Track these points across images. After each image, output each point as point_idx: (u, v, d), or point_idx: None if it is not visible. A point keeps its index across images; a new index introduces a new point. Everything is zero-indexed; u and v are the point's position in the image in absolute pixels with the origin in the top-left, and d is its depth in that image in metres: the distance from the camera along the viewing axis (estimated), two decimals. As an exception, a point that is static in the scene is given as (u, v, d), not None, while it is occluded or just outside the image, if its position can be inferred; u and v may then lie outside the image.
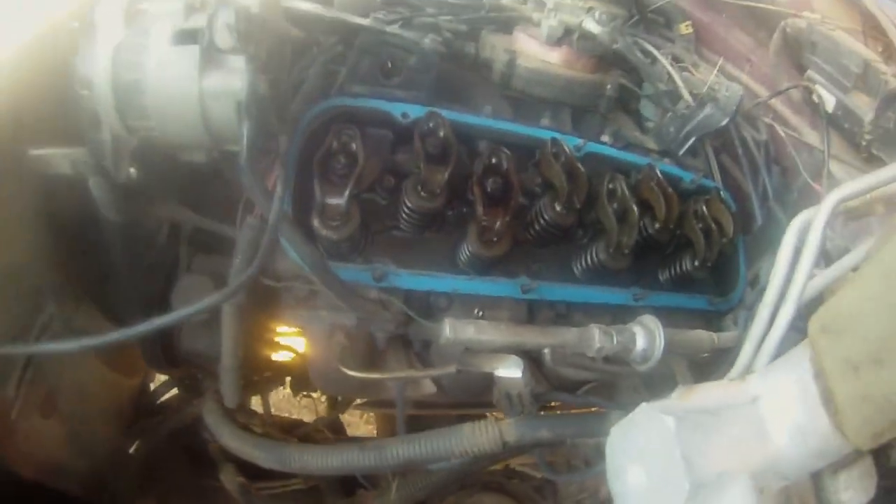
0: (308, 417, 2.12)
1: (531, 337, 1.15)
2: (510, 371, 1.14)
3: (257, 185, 1.01)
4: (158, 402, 1.85)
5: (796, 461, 0.81)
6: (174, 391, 1.84)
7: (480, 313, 1.23)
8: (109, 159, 1.08)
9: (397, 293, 1.19)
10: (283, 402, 2.61)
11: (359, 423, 2.53)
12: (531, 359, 1.25)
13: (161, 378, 1.86)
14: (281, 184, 1.02)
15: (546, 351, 1.21)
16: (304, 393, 1.77)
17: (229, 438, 1.26)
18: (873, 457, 0.93)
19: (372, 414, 2.59)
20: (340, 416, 1.94)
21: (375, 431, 2.41)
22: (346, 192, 1.10)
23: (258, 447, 1.21)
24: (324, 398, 2.01)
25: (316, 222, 1.11)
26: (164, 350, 1.42)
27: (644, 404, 0.91)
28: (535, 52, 1.45)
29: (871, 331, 0.73)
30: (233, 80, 0.99)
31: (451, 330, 1.06)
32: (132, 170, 1.11)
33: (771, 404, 0.84)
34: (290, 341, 1.57)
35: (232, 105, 1.00)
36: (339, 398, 1.81)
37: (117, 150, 1.08)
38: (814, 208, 1.07)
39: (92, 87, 1.00)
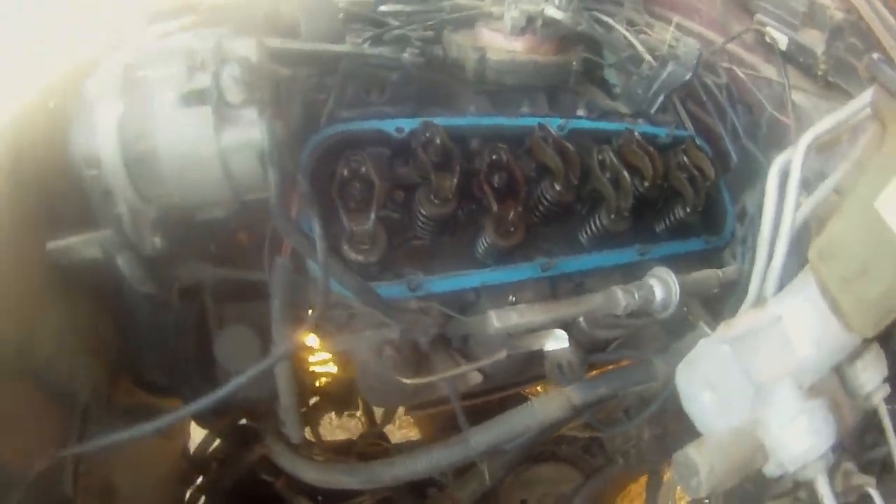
0: (342, 436, 2.16)
1: (567, 310, 1.23)
2: (558, 343, 1.23)
3: (295, 228, 1.05)
4: (206, 456, 1.87)
5: (821, 359, 1.01)
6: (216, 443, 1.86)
7: (513, 298, 1.30)
8: (131, 233, 1.07)
9: (432, 298, 1.25)
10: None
11: (392, 429, 2.60)
12: (566, 328, 1.33)
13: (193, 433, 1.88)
14: (315, 222, 1.05)
15: (580, 319, 1.29)
16: (349, 412, 1.82)
17: (312, 472, 1.30)
18: (885, 345, 1.13)
19: (402, 419, 2.66)
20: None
21: (412, 436, 2.48)
22: (372, 216, 1.15)
23: (345, 472, 1.26)
24: (360, 414, 2.05)
25: (348, 250, 1.17)
26: (213, 406, 1.45)
27: (702, 340, 1.09)
28: (501, 44, 1.51)
29: (853, 251, 0.92)
30: (251, 132, 1.00)
31: (498, 320, 1.14)
32: (156, 239, 1.09)
33: (793, 320, 1.03)
34: (326, 367, 1.62)
35: (254, 156, 1.01)
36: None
37: (137, 222, 1.07)
38: (790, 149, 1.20)
39: (100, 164, 0.98)
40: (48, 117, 1.10)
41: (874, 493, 1.10)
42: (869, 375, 1.11)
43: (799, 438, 0.99)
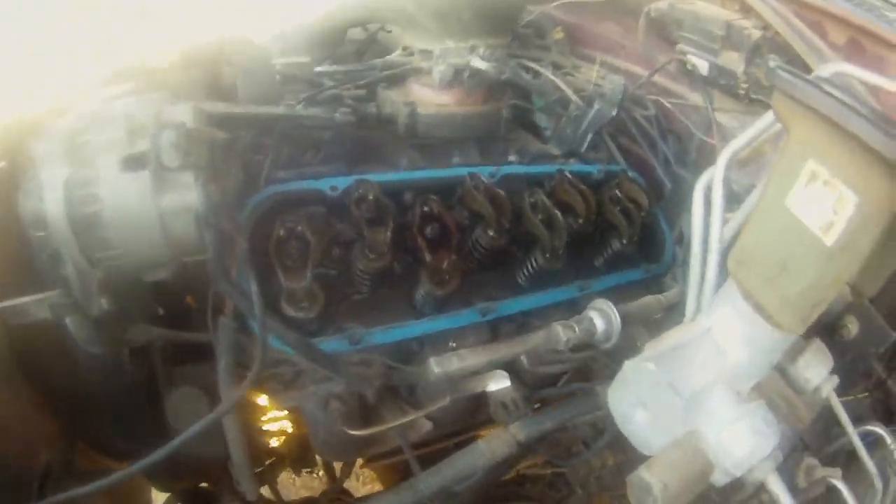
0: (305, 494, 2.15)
1: (506, 350, 1.27)
2: (499, 383, 1.26)
3: (234, 288, 1.08)
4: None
5: (753, 362, 1.04)
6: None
7: (454, 345, 1.34)
8: (80, 294, 1.08)
9: (375, 350, 1.28)
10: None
11: (357, 486, 2.59)
12: (510, 369, 1.36)
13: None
14: (252, 281, 1.08)
15: (522, 358, 1.33)
16: (307, 469, 1.82)
17: None
18: (829, 340, 1.19)
19: (366, 475, 2.65)
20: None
21: (375, 489, 2.47)
22: (308, 274, 1.19)
23: None
24: (321, 473, 2.04)
25: (287, 307, 1.19)
26: (168, 467, 1.45)
27: (627, 361, 1.11)
28: (430, 98, 1.58)
29: (771, 252, 0.95)
30: (187, 195, 1.03)
31: (438, 366, 1.17)
32: (103, 301, 1.10)
33: (720, 328, 1.07)
34: (279, 424, 1.63)
35: (191, 219, 1.04)
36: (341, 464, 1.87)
37: (84, 284, 1.08)
38: (711, 168, 1.27)
39: (48, 226, 1.00)
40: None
41: (839, 485, 1.14)
42: (814, 370, 1.14)
43: (740, 443, 1.01)
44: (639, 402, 1.11)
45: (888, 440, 1.30)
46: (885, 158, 0.76)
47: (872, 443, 1.30)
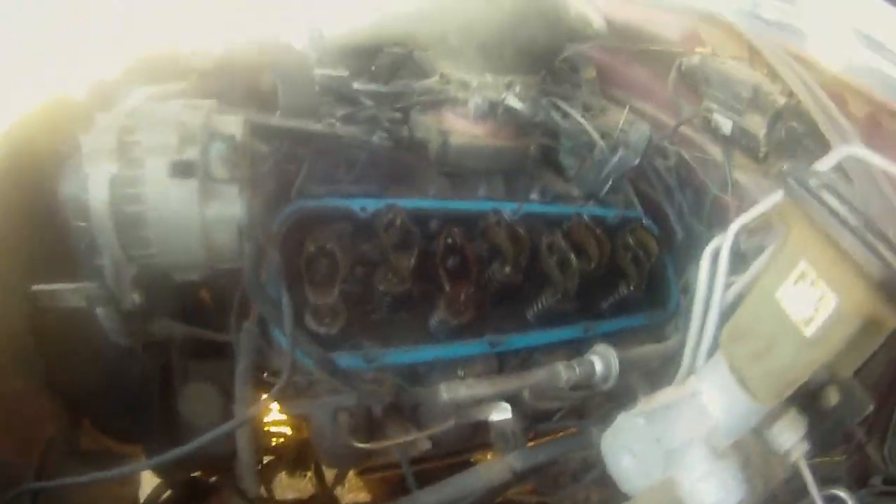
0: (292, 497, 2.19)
1: (511, 384, 1.34)
2: (502, 414, 1.33)
3: (266, 299, 1.13)
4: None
5: (732, 425, 1.16)
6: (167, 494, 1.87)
7: (462, 373, 1.40)
8: (113, 287, 1.13)
9: (387, 369, 1.34)
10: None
11: (342, 493, 2.63)
12: (511, 400, 1.42)
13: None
14: (284, 295, 1.13)
15: (525, 392, 1.39)
16: (301, 472, 1.87)
17: None
18: (808, 406, 1.27)
19: (352, 483, 2.70)
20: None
21: (361, 499, 2.53)
22: (335, 291, 1.24)
23: None
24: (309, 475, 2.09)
25: (311, 322, 1.25)
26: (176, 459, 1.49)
27: (622, 413, 1.22)
28: (464, 128, 1.63)
29: (760, 333, 1.06)
30: (232, 208, 1.08)
31: (447, 392, 1.23)
32: (135, 295, 1.15)
33: (707, 394, 1.19)
34: (282, 427, 1.68)
35: (233, 230, 1.09)
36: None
37: (119, 278, 1.13)
38: (721, 236, 1.34)
39: (90, 219, 1.04)
40: (36, 156, 1.18)
41: None
42: (786, 436, 1.23)
43: (708, 493, 1.12)
44: (627, 449, 1.22)
45: (850, 505, 1.37)
46: (864, 272, 0.87)
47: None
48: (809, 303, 0.96)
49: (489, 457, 1.80)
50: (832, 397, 1.45)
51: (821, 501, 1.32)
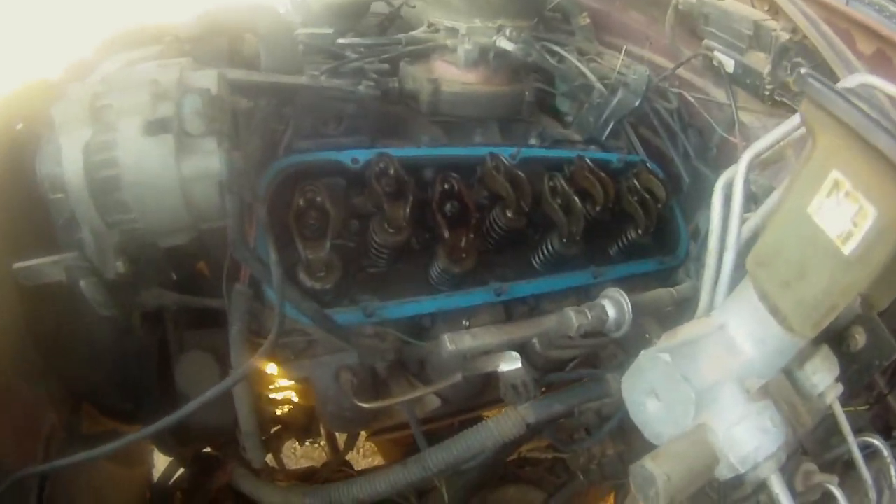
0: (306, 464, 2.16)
1: (519, 332, 1.27)
2: (511, 364, 1.26)
3: (252, 255, 1.07)
4: (170, 486, 1.86)
5: (764, 362, 1.06)
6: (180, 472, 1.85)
7: (467, 323, 1.34)
8: (95, 258, 1.09)
9: (388, 324, 1.28)
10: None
11: (357, 458, 2.61)
12: (520, 351, 1.37)
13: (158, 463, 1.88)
14: (272, 250, 1.08)
15: (534, 340, 1.33)
16: (311, 440, 1.83)
17: (272, 495, 1.31)
18: (833, 349, 1.21)
19: (367, 448, 2.67)
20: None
21: (376, 464, 2.49)
22: (327, 244, 1.19)
23: (307, 495, 1.27)
24: (323, 443, 2.06)
25: (304, 277, 1.19)
26: (175, 432, 1.45)
27: (643, 351, 1.11)
28: (455, 76, 1.57)
29: (790, 256, 0.97)
30: (210, 161, 1.03)
31: (452, 343, 1.17)
32: (119, 264, 1.11)
33: (735, 327, 1.09)
34: (286, 394, 1.64)
35: (213, 185, 1.04)
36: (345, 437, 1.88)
37: (101, 247, 1.09)
38: (733, 167, 1.27)
39: (66, 189, 1.00)
40: (15, 139, 1.14)
41: (836, 491, 1.15)
42: (820, 376, 1.18)
43: (747, 439, 1.02)
44: (652, 392, 1.12)
45: (885, 452, 1.31)
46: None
47: (870, 454, 1.32)
48: (846, 216, 0.87)
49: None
50: (859, 339, 1.39)
51: (856, 448, 1.27)
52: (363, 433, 1.85)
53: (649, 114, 1.81)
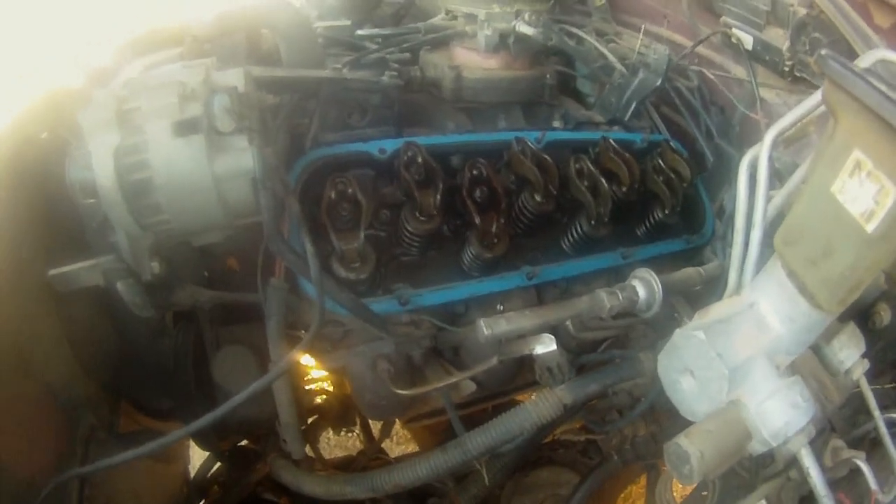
0: (341, 455, 2.18)
1: (554, 314, 1.27)
2: (546, 347, 1.27)
3: (288, 248, 1.08)
4: (207, 479, 1.88)
5: (792, 339, 1.08)
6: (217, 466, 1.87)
7: (501, 307, 1.34)
8: (130, 260, 1.10)
9: (422, 311, 1.29)
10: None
11: (391, 445, 2.63)
12: (553, 333, 1.37)
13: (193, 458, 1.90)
14: (307, 242, 1.09)
15: (567, 323, 1.34)
16: (348, 429, 1.84)
17: (314, 485, 1.32)
18: (862, 326, 1.23)
19: (400, 436, 2.69)
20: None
21: (410, 451, 2.50)
22: (361, 235, 1.19)
23: (348, 483, 1.29)
24: (357, 432, 2.07)
25: (338, 268, 1.20)
26: (215, 427, 1.47)
27: (678, 330, 1.13)
28: (476, 62, 1.57)
29: (816, 235, 0.98)
30: (242, 158, 1.04)
31: (488, 328, 1.18)
32: (154, 264, 1.12)
33: (764, 304, 1.11)
34: (319, 384, 1.65)
35: (246, 182, 1.04)
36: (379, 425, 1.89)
37: (135, 249, 1.10)
38: (757, 145, 1.27)
39: (98, 194, 1.01)
40: (40, 147, 1.14)
41: (863, 465, 1.16)
42: (847, 352, 1.20)
43: (778, 414, 1.04)
44: (686, 369, 1.14)
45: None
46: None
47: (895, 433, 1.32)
48: (868, 195, 0.88)
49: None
50: (884, 315, 1.39)
51: (883, 424, 1.27)
52: (398, 421, 1.86)
53: (670, 93, 1.80)
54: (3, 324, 1.03)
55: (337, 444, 2.38)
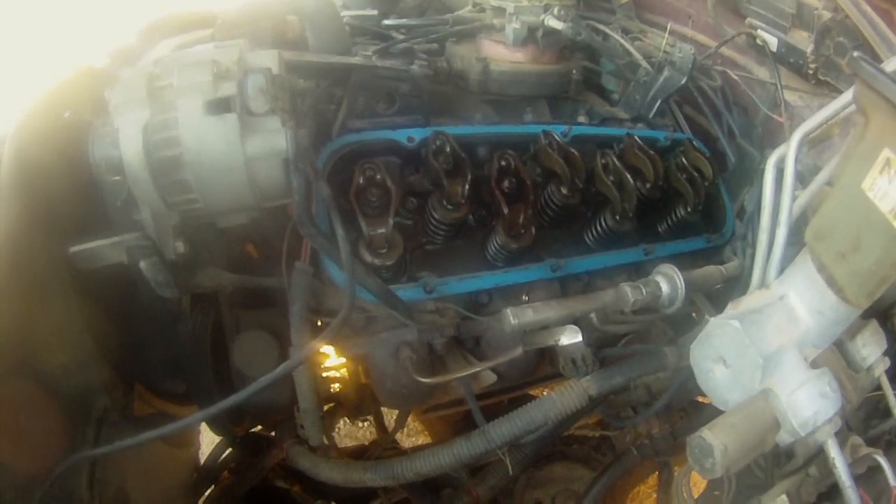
0: (350, 445, 2.18)
1: (579, 306, 1.28)
2: (572, 338, 1.27)
3: (319, 232, 1.08)
4: (218, 465, 1.87)
5: (820, 332, 1.11)
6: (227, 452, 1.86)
7: (527, 298, 1.34)
8: (155, 238, 1.09)
9: (447, 299, 1.29)
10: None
11: (401, 437, 2.63)
12: (577, 325, 1.37)
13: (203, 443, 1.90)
14: (338, 226, 1.09)
15: (592, 315, 1.34)
16: (362, 419, 1.84)
17: (332, 471, 1.32)
18: (882, 326, 1.26)
19: (412, 428, 2.69)
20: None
21: (422, 443, 2.49)
22: (390, 221, 1.19)
23: (368, 469, 1.29)
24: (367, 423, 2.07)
25: (365, 254, 1.20)
26: (230, 412, 1.46)
27: (712, 319, 1.16)
28: (503, 55, 1.57)
29: (846, 230, 1.02)
30: (275, 140, 1.03)
31: (514, 317, 1.17)
32: (179, 244, 1.12)
33: (794, 297, 1.14)
34: (339, 373, 1.65)
35: (278, 164, 1.04)
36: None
37: (161, 228, 1.10)
38: (784, 145, 1.29)
39: (124, 171, 1.00)
40: (63, 127, 1.14)
41: (882, 461, 1.17)
42: (869, 349, 1.23)
43: (808, 403, 1.06)
44: (720, 358, 1.15)
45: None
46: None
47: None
48: None
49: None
50: (904, 317, 1.40)
51: None
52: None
53: (693, 92, 1.80)
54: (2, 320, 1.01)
55: (347, 433, 2.38)
